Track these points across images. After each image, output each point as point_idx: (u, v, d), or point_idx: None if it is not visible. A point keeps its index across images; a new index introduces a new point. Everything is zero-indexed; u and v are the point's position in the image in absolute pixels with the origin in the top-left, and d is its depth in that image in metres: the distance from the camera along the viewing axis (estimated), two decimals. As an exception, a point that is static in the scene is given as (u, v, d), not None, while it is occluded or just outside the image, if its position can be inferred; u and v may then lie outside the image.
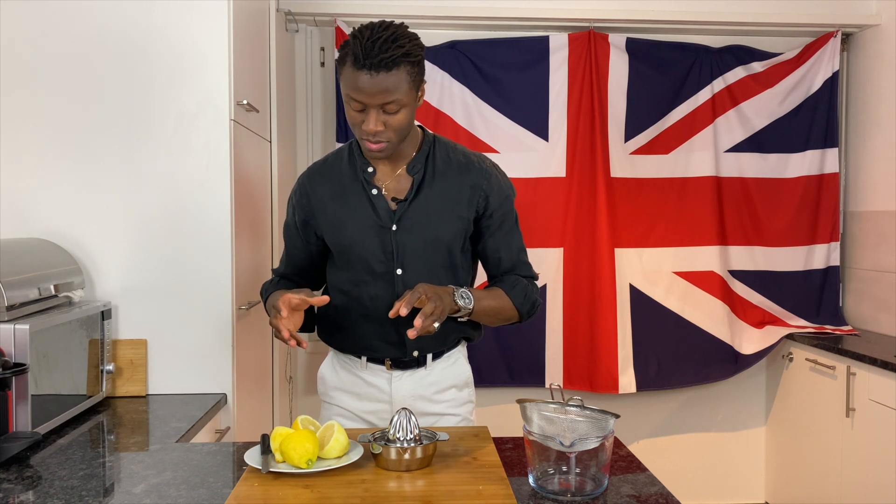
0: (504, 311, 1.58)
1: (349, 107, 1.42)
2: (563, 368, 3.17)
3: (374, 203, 1.54)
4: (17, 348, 1.55)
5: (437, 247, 1.55)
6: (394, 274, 1.55)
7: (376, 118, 1.40)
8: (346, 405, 1.66)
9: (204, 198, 2.02)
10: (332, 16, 3.05)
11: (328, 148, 3.22)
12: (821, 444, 2.92)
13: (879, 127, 3.15)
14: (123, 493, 1.28)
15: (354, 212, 1.55)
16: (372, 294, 1.56)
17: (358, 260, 1.56)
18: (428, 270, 1.55)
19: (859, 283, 3.27)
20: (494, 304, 1.55)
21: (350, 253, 1.56)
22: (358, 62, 1.35)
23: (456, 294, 1.47)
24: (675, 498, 1.23)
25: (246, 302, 2.17)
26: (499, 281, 1.62)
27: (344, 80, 1.41)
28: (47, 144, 1.99)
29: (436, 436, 1.35)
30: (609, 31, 3.20)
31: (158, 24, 2.00)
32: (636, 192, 3.20)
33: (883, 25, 3.15)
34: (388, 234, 1.53)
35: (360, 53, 1.35)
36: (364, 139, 1.44)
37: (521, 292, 1.58)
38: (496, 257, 1.61)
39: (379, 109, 1.40)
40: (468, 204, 1.55)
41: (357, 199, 1.56)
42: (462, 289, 1.50)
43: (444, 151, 1.59)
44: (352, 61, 1.37)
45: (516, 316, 1.60)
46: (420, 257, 1.55)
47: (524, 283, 1.60)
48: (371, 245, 1.54)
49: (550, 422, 1.29)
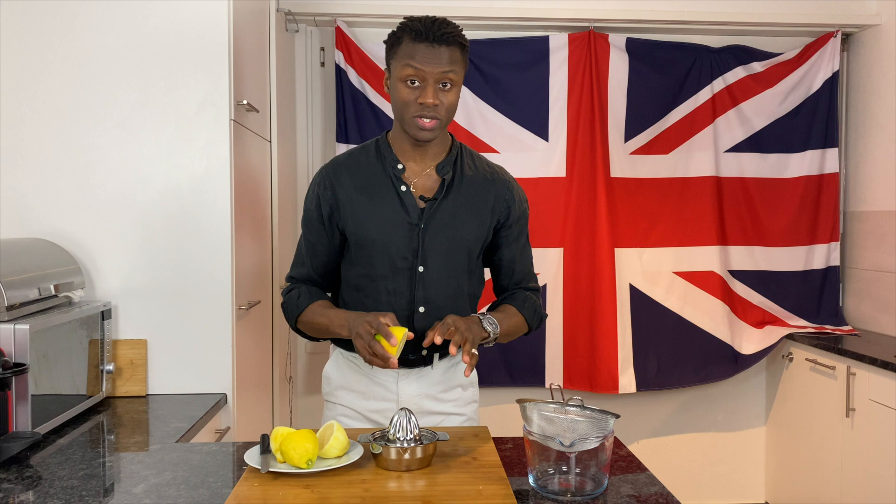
0: (519, 329, 1.65)
1: (403, 85, 1.46)
2: (563, 368, 3.17)
3: (403, 199, 1.55)
4: (17, 348, 1.55)
5: (460, 248, 1.58)
6: (415, 271, 1.56)
7: (434, 91, 1.45)
8: (351, 404, 1.65)
9: (204, 198, 2.02)
10: (332, 16, 3.05)
11: (328, 148, 3.22)
12: (821, 444, 2.92)
13: (879, 127, 3.15)
14: (123, 493, 1.28)
15: (382, 207, 1.55)
16: (390, 289, 1.57)
17: (381, 255, 1.55)
18: (447, 271, 1.58)
19: (859, 283, 3.27)
20: (512, 323, 1.61)
21: (373, 247, 1.55)
22: (419, 35, 1.43)
23: (484, 321, 1.51)
24: (675, 498, 1.23)
25: (246, 302, 2.17)
26: (509, 297, 1.68)
27: (400, 56, 1.46)
28: (47, 144, 1.99)
29: (436, 436, 1.35)
30: (609, 31, 3.20)
31: (158, 24, 2.00)
32: (636, 192, 3.20)
33: (883, 25, 3.15)
34: (415, 230, 1.55)
35: (421, 28, 1.43)
36: (417, 116, 1.48)
37: (531, 308, 1.65)
38: (510, 268, 1.67)
39: (436, 84, 1.45)
40: (491, 212, 1.60)
41: (385, 194, 1.56)
42: (486, 315, 1.54)
43: (470, 158, 1.64)
44: (412, 36, 1.44)
45: (526, 330, 1.68)
46: (443, 257, 1.57)
47: (533, 300, 1.67)
48: (397, 241, 1.54)
49: (550, 422, 1.29)
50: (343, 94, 3.06)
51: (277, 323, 2.68)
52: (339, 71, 3.06)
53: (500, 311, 1.61)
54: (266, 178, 2.56)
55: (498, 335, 1.54)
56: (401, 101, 1.48)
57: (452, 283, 1.58)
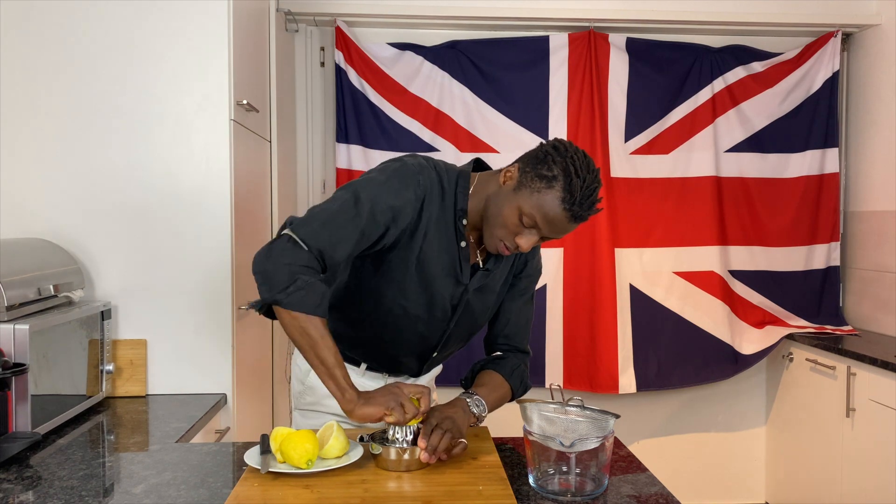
0: (504, 400, 1.56)
1: (517, 216, 1.33)
2: (563, 368, 3.17)
3: (460, 254, 1.45)
4: (16, 348, 1.55)
5: (488, 310, 1.56)
6: (449, 324, 1.51)
7: (535, 242, 1.36)
8: (340, 412, 1.63)
9: (204, 197, 2.02)
10: (332, 16, 3.05)
11: (328, 148, 3.22)
12: (821, 444, 2.92)
13: (879, 127, 3.15)
14: (123, 493, 1.28)
15: (444, 251, 1.43)
16: (420, 331, 1.50)
17: (426, 297, 1.45)
18: (470, 327, 1.56)
19: (859, 283, 3.27)
20: (498, 396, 1.53)
21: (427, 287, 1.43)
22: (567, 204, 1.29)
23: (471, 404, 1.43)
24: (675, 498, 1.23)
25: (246, 302, 2.16)
26: (498, 362, 1.58)
27: (539, 201, 1.30)
28: (47, 144, 1.99)
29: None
30: (609, 31, 3.20)
31: (158, 24, 2.00)
32: (636, 192, 3.20)
33: (883, 25, 3.15)
34: (460, 289, 1.48)
35: (576, 199, 1.28)
36: (506, 245, 1.37)
37: (519, 377, 1.57)
38: (506, 319, 1.61)
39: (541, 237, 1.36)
40: (512, 266, 1.57)
41: (450, 239, 1.43)
42: (473, 397, 1.44)
43: None
44: (562, 197, 1.29)
45: (509, 399, 1.59)
46: (472, 317, 1.54)
47: (522, 369, 1.59)
48: (444, 290, 1.46)
49: (550, 422, 1.29)
50: (343, 94, 3.06)
51: (277, 323, 2.68)
52: (339, 71, 3.06)
53: (487, 385, 1.51)
54: (266, 178, 2.56)
55: (485, 416, 1.47)
56: (504, 224, 1.34)
57: (470, 335, 1.59)
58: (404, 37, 3.18)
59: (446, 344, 1.56)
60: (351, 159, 3.08)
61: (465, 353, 2.58)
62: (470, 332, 1.59)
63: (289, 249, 1.27)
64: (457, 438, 1.33)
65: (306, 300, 1.25)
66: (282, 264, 1.26)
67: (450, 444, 1.31)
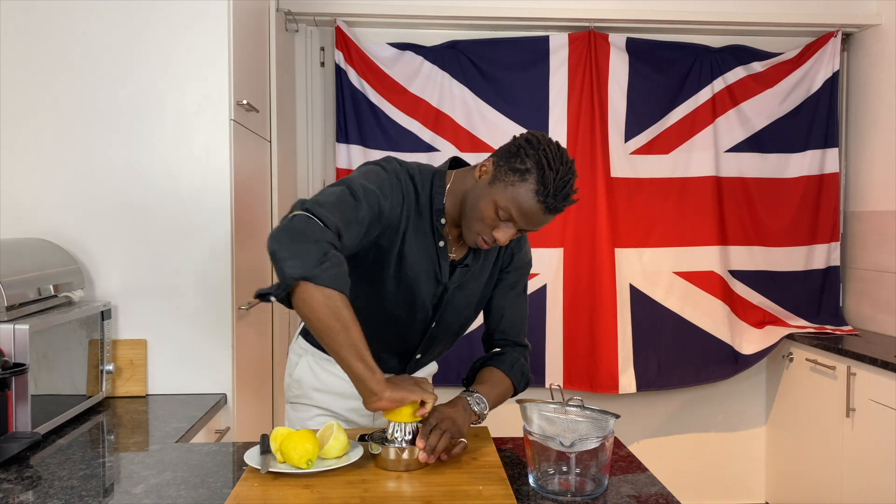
0: (506, 396, 1.56)
1: (493, 210, 1.34)
2: (563, 368, 3.17)
3: (439, 253, 1.46)
4: (16, 348, 1.55)
5: (470, 307, 1.56)
6: (429, 325, 1.52)
7: (512, 235, 1.37)
8: (328, 405, 1.62)
9: (204, 197, 2.02)
10: (332, 16, 3.05)
11: (328, 148, 3.22)
12: (821, 444, 2.92)
13: (879, 127, 3.15)
14: (123, 493, 1.28)
15: (422, 251, 1.44)
16: (401, 333, 1.51)
17: (407, 297, 1.46)
18: (454, 327, 1.56)
19: (859, 283, 3.27)
20: (499, 393, 1.52)
21: (406, 287, 1.44)
22: (541, 196, 1.30)
23: (472, 402, 1.42)
24: (675, 498, 1.23)
25: (246, 302, 2.16)
26: (497, 358, 1.57)
27: (513, 194, 1.31)
28: (47, 144, 1.99)
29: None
30: (609, 31, 3.20)
31: (159, 25, 2.00)
32: (636, 192, 3.20)
33: (883, 25, 3.15)
34: (440, 287, 1.49)
35: (550, 191, 1.30)
36: (483, 239, 1.38)
37: (519, 371, 1.57)
38: (500, 314, 1.60)
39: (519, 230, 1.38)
40: (497, 260, 1.56)
41: (428, 240, 1.44)
42: (474, 395, 1.44)
43: None
44: (536, 190, 1.30)
45: (511, 395, 1.59)
46: (455, 315, 1.54)
47: (521, 363, 1.59)
48: (424, 291, 1.47)
49: (550, 422, 1.29)
50: (343, 94, 3.06)
51: (277, 323, 2.68)
52: (339, 71, 3.06)
53: (487, 382, 1.50)
54: (266, 178, 2.56)
55: (486, 414, 1.46)
56: (480, 217, 1.36)
57: (455, 334, 1.59)
58: (404, 37, 3.18)
59: (429, 345, 1.56)
60: (351, 159, 3.08)
61: (466, 352, 2.61)
62: (454, 332, 1.58)
63: (314, 226, 1.22)
64: (456, 438, 1.33)
65: (339, 277, 1.20)
66: (312, 240, 1.20)
67: (449, 444, 1.31)
